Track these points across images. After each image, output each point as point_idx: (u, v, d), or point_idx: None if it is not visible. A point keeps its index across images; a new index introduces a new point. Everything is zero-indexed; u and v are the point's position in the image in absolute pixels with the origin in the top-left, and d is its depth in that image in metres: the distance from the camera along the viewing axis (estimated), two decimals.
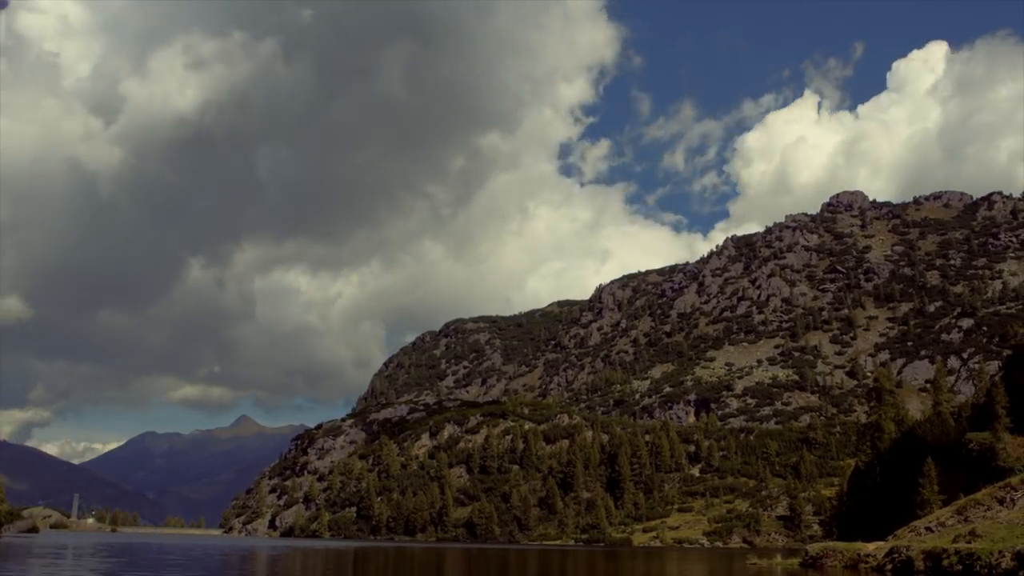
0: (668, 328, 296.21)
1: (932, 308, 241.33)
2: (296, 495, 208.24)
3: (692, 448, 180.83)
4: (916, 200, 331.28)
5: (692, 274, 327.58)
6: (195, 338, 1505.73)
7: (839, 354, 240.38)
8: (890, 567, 44.66)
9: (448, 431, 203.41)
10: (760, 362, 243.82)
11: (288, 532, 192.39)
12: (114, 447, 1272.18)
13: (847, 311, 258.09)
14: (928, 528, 49.50)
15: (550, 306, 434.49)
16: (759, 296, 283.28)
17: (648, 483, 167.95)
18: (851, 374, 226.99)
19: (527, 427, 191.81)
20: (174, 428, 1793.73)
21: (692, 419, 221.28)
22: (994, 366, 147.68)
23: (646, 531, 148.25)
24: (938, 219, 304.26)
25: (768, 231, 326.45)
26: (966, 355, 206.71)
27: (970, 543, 40.75)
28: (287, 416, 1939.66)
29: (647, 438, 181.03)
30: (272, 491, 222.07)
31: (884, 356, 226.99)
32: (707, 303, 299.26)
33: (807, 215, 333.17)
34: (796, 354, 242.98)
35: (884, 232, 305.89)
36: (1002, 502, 47.24)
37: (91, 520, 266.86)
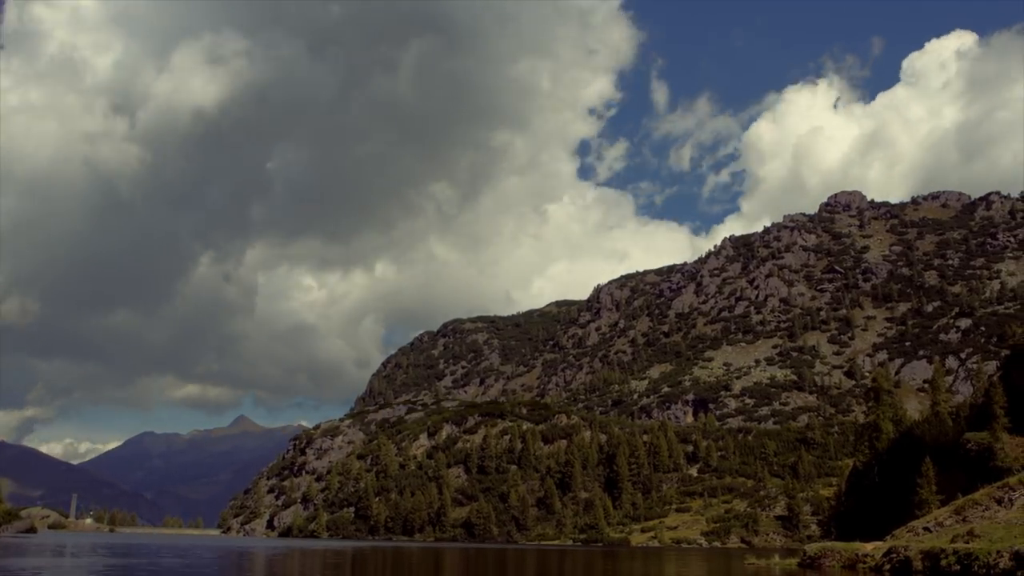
0: (666, 328, 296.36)
1: (930, 308, 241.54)
2: (294, 495, 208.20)
3: (690, 448, 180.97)
4: (914, 200, 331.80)
5: (690, 274, 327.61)
6: (197, 336, 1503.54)
7: (837, 354, 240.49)
8: (888, 567, 44.65)
9: (446, 431, 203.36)
10: (758, 362, 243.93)
11: (286, 532, 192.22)
12: (112, 447, 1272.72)
13: (845, 311, 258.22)
14: (926, 528, 49.49)
15: (548, 306, 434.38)
16: (757, 296, 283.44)
17: (646, 483, 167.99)
18: (849, 374, 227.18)
19: (525, 427, 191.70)
20: (173, 428, 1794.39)
21: (690, 419, 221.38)
22: (992, 366, 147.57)
23: (644, 531, 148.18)
24: (936, 219, 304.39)
25: (766, 231, 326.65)
26: (964, 355, 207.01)
27: (968, 543, 40.76)
28: (287, 416, 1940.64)
29: (645, 438, 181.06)
30: (270, 491, 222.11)
31: (882, 356, 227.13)
32: (705, 303, 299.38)
33: (805, 215, 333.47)
34: (794, 354, 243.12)
35: (882, 232, 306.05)
36: (1000, 502, 47.26)
37: (89, 520, 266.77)
